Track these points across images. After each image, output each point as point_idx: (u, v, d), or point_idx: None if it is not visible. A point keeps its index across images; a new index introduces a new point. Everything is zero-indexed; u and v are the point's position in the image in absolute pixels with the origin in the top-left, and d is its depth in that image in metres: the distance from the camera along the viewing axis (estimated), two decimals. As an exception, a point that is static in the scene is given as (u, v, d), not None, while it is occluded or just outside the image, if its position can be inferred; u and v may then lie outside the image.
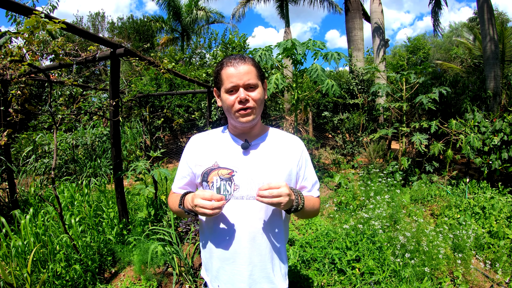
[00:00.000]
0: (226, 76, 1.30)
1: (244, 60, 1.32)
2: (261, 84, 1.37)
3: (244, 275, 1.36)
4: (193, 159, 1.45)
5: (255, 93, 1.32)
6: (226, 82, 1.30)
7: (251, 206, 1.33)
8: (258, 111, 1.36)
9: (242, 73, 1.29)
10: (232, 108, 1.32)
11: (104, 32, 21.85)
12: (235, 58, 1.32)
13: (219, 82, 1.35)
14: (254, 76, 1.32)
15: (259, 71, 1.36)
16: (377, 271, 2.89)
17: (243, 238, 1.33)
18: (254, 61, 1.37)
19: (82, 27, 5.20)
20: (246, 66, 1.31)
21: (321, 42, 5.20)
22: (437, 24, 11.76)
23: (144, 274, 3.00)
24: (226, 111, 1.37)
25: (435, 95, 5.77)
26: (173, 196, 1.54)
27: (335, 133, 9.41)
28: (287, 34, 15.44)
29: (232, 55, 1.36)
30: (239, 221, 1.33)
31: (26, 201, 4.51)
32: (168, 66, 4.25)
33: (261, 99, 1.35)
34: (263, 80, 1.41)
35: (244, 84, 1.29)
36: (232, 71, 1.29)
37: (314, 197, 1.51)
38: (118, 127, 3.64)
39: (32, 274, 2.71)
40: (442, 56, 24.85)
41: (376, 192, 4.82)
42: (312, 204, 1.46)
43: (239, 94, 1.29)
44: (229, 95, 1.31)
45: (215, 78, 1.38)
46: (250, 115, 1.32)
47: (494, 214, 4.32)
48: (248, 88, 1.31)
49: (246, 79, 1.29)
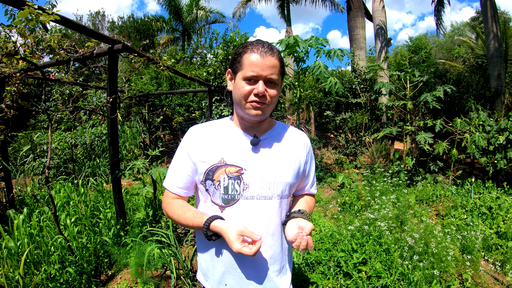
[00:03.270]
0: (249, 63, 1.18)
1: (272, 51, 1.20)
2: (280, 81, 1.27)
3: (252, 279, 1.28)
4: (195, 154, 1.30)
5: (273, 90, 1.22)
6: (247, 69, 1.18)
7: (261, 207, 1.24)
8: (271, 108, 1.27)
9: (267, 65, 1.17)
10: (246, 98, 1.21)
11: (104, 31, 21.76)
12: (263, 46, 1.20)
13: (238, 65, 1.22)
14: (277, 71, 1.21)
15: (282, 67, 1.25)
16: (385, 274, 2.78)
17: None
18: (280, 54, 1.25)
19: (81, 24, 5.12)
20: (273, 58, 1.19)
21: (324, 39, 5.10)
22: (440, 23, 11.65)
23: (141, 277, 2.89)
24: (236, 99, 1.25)
25: (440, 93, 5.67)
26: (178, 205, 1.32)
27: (337, 133, 9.29)
28: (289, 34, 15.36)
29: (259, 41, 1.23)
30: (249, 223, 1.22)
31: (23, 201, 4.41)
32: (167, 63, 4.15)
33: (277, 96, 1.25)
34: (283, 77, 1.30)
35: (266, 77, 1.18)
36: (257, 59, 1.17)
37: (312, 198, 1.53)
38: (116, 124, 3.54)
39: (26, 276, 2.60)
40: (444, 56, 24.73)
41: (381, 192, 4.71)
42: (311, 210, 1.46)
43: (258, 87, 1.18)
44: (246, 83, 1.20)
45: (234, 60, 1.25)
46: (262, 110, 1.22)
47: (501, 214, 4.22)
48: (268, 82, 1.20)
49: (269, 72, 1.18)
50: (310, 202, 1.47)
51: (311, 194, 1.52)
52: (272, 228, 1.27)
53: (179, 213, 1.29)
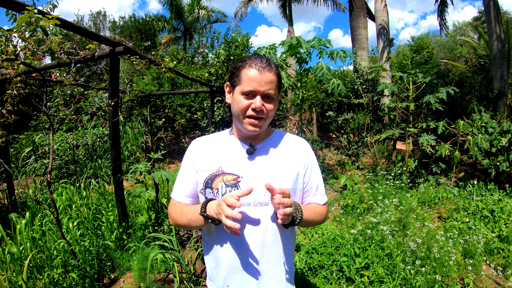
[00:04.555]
0: (247, 78, 1.21)
1: (271, 67, 1.23)
2: (277, 96, 1.30)
3: (253, 284, 1.30)
4: (197, 164, 1.36)
5: (271, 104, 1.26)
6: (245, 84, 1.22)
7: (258, 213, 1.26)
8: (268, 122, 1.30)
9: (265, 81, 1.21)
10: (244, 113, 1.24)
11: (105, 31, 21.73)
12: (262, 61, 1.22)
13: (236, 80, 1.26)
14: (275, 86, 1.25)
15: (279, 82, 1.29)
16: (387, 279, 2.77)
17: (252, 246, 1.27)
18: (278, 69, 1.29)
19: (83, 26, 5.08)
20: (270, 74, 1.23)
21: (327, 40, 5.08)
22: (444, 23, 11.59)
23: (144, 281, 2.89)
24: (235, 113, 1.29)
25: (443, 94, 5.65)
26: (179, 206, 1.39)
27: (339, 133, 9.27)
28: (291, 33, 15.32)
29: (257, 55, 1.26)
30: (247, 229, 1.26)
31: (25, 204, 4.41)
32: (169, 64, 4.14)
33: (274, 110, 1.29)
34: (280, 91, 1.33)
35: (264, 93, 1.22)
36: (255, 74, 1.20)
37: (319, 205, 1.43)
38: (118, 127, 3.54)
39: (29, 280, 2.61)
40: (446, 56, 24.62)
41: (384, 195, 4.70)
42: (313, 214, 1.37)
43: (255, 102, 1.21)
44: (244, 98, 1.23)
45: (232, 74, 1.29)
46: (259, 126, 1.26)
47: (504, 217, 4.20)
48: (265, 97, 1.24)
49: (267, 88, 1.22)
50: (315, 207, 1.40)
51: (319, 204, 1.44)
52: (270, 234, 1.28)
53: (180, 212, 1.35)
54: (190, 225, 1.33)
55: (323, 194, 1.44)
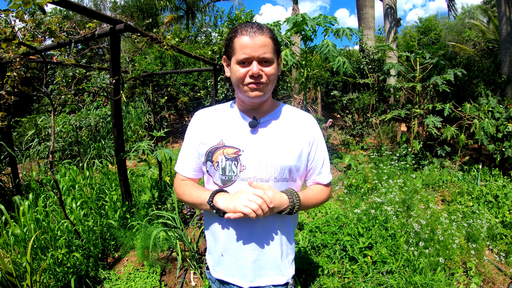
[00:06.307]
0: (240, 46, 1.17)
1: (262, 30, 1.18)
2: (276, 59, 1.24)
3: (249, 260, 1.29)
4: (199, 137, 1.34)
5: (269, 68, 1.20)
6: (239, 52, 1.17)
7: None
8: (270, 87, 1.24)
9: (258, 45, 1.15)
10: (242, 82, 1.20)
11: (106, 11, 21.36)
12: (252, 26, 1.17)
13: (230, 50, 1.21)
14: (270, 49, 1.19)
15: (276, 45, 1.23)
16: (390, 260, 2.77)
17: (250, 223, 1.26)
18: (272, 32, 1.22)
19: (82, 5, 4.93)
20: (263, 37, 1.17)
21: (333, 17, 4.94)
22: (452, 4, 11.22)
23: (147, 260, 2.91)
24: (234, 83, 1.25)
25: (450, 76, 5.52)
26: (187, 185, 1.38)
27: (344, 113, 9.16)
28: (295, 11, 14.95)
29: (248, 22, 1.21)
30: None
31: (29, 186, 4.41)
32: (171, 42, 4.06)
33: (275, 74, 1.23)
34: (279, 54, 1.27)
35: (259, 57, 1.16)
36: (247, 41, 1.15)
37: (322, 187, 1.40)
38: (120, 106, 3.50)
39: (33, 261, 2.62)
40: (454, 39, 24.03)
41: (388, 176, 4.66)
42: (314, 200, 1.35)
43: (252, 68, 1.16)
44: (240, 66, 1.18)
45: (226, 46, 1.25)
46: (261, 90, 1.20)
47: (507, 204, 4.16)
48: (262, 62, 1.18)
49: (262, 52, 1.16)
50: (315, 189, 1.37)
51: (322, 184, 1.41)
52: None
53: (187, 192, 1.34)
54: (194, 206, 1.35)
55: (328, 172, 1.41)
